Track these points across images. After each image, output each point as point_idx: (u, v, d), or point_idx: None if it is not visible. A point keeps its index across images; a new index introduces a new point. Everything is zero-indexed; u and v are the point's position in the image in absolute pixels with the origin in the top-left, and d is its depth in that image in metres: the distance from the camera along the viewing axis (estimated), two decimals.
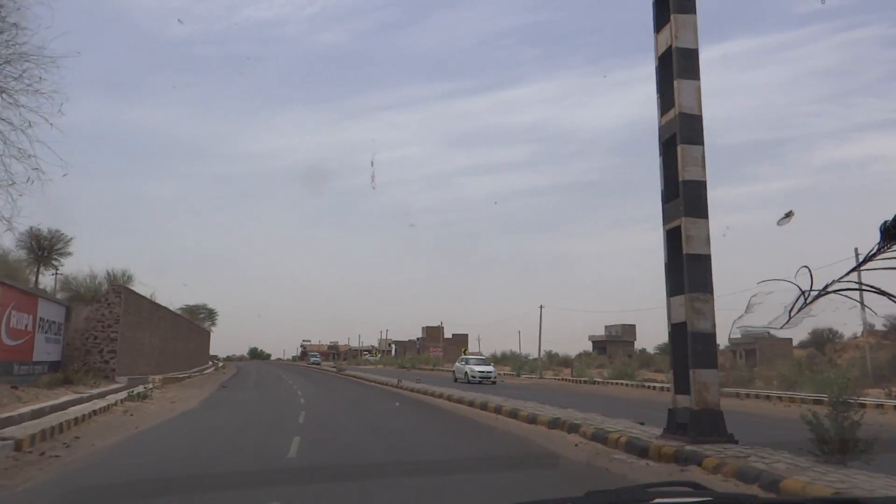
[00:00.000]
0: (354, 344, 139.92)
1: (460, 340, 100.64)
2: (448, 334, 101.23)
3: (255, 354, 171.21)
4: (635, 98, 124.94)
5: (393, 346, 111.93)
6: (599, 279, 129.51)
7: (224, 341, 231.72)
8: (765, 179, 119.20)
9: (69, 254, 43.69)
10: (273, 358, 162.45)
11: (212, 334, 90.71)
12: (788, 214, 6.02)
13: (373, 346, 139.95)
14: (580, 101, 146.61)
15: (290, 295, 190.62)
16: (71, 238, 44.18)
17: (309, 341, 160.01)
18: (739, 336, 30.13)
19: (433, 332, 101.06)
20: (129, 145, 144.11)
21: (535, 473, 8.65)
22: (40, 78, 13.80)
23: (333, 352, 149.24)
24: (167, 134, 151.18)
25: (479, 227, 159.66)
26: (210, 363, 74.37)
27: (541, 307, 57.12)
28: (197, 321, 74.40)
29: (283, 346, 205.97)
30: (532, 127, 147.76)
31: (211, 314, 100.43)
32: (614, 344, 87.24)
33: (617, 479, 7.51)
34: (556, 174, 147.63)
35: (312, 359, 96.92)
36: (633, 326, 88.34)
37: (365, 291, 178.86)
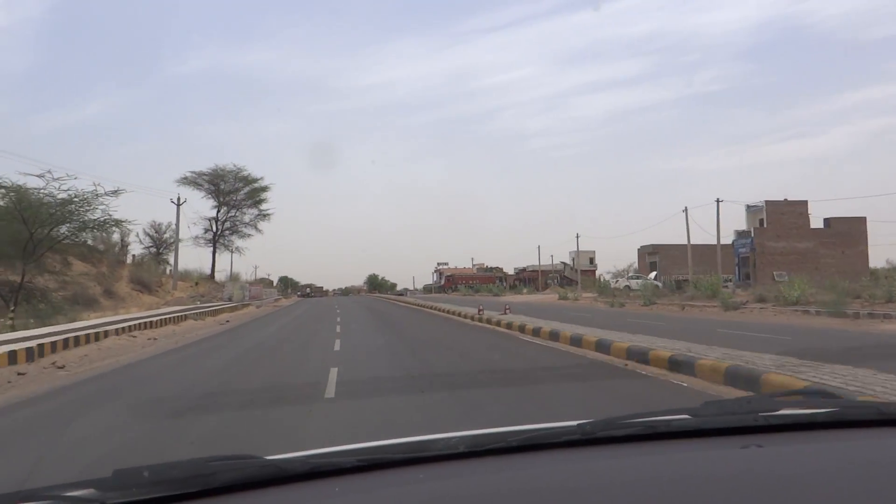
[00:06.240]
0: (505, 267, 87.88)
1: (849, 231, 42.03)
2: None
3: (376, 284, 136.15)
4: None
5: (633, 265, 54.05)
6: None
7: (342, 270, 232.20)
8: None
9: None
10: (399, 287, 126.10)
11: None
12: None
13: (562, 265, 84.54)
14: (702, 5, 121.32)
15: (412, 222, 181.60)
16: None
17: (446, 264, 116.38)
18: None
19: (781, 216, 42.22)
20: (247, 86, 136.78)
21: None
22: None
23: (496, 276, 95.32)
24: (281, 73, 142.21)
25: (594, 147, 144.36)
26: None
27: None
28: None
29: (412, 273, 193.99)
30: (648, 37, 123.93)
31: (255, 191, 47.96)
32: None
33: None
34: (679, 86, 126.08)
35: None
36: None
37: (498, 215, 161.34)
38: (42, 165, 32.66)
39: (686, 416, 1.60)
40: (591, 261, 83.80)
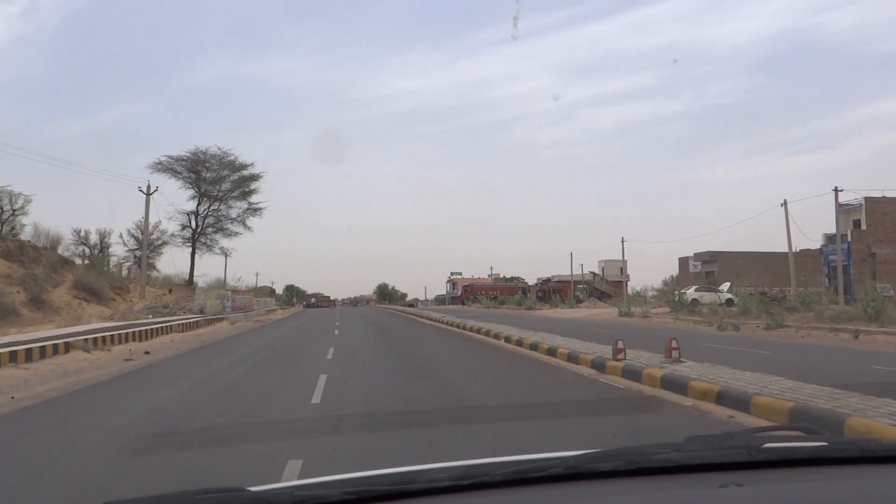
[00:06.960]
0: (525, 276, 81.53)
1: None
2: None
3: (386, 294, 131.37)
4: (778, 6, 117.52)
5: (697, 264, 46.66)
6: None
7: (351, 279, 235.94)
8: None
9: None
10: (410, 298, 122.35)
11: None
12: None
13: (591, 275, 76.93)
14: (716, 17, 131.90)
15: (423, 231, 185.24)
16: None
17: (460, 274, 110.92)
18: None
19: (884, 216, 34.42)
20: (260, 95, 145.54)
21: None
22: None
23: (519, 286, 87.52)
24: (295, 84, 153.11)
25: (607, 158, 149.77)
26: None
27: None
28: None
29: (423, 283, 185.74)
30: (662, 49, 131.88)
31: (243, 179, 40.86)
32: None
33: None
34: (691, 98, 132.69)
35: None
36: None
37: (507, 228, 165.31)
38: (54, 169, 25.31)
39: (669, 451, 1.58)
40: (622, 271, 76.30)
